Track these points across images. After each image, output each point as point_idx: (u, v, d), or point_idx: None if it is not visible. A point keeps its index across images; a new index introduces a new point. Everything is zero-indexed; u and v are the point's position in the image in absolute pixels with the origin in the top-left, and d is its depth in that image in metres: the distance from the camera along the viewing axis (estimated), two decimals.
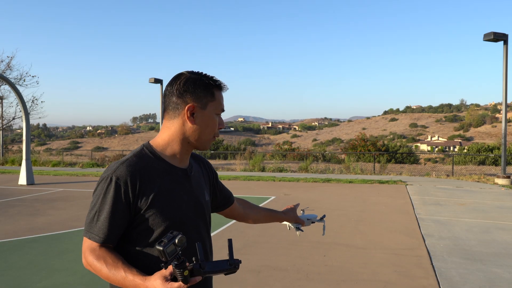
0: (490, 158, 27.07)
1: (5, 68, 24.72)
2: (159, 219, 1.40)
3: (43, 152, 34.78)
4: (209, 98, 1.46)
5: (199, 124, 1.46)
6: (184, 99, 1.44)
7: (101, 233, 1.35)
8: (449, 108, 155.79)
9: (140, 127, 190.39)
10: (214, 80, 1.48)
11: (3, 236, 6.60)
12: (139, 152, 1.46)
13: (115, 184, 1.35)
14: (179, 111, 1.45)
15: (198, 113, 1.45)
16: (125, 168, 1.38)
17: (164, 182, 1.43)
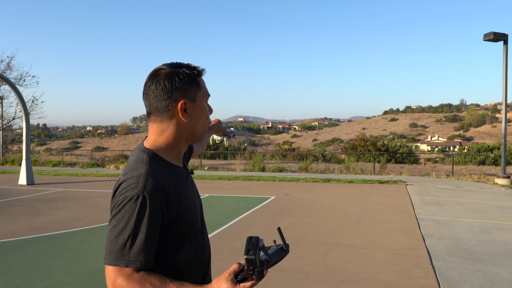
0: (490, 158, 27.07)
1: (5, 68, 24.74)
2: (189, 225, 1.34)
3: (43, 152, 34.78)
4: (196, 89, 1.38)
5: (193, 118, 1.38)
6: (173, 97, 1.34)
7: (141, 256, 1.20)
8: (449, 108, 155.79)
9: (140, 127, 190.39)
10: (195, 68, 1.40)
11: (3, 236, 6.60)
12: (151, 161, 1.33)
13: (150, 202, 1.22)
14: (171, 111, 1.35)
15: (190, 108, 1.37)
16: (152, 181, 1.25)
17: (182, 187, 1.36)
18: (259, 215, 8.36)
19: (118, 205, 1.24)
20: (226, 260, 5.30)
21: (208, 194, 11.54)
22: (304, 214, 8.49)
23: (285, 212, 8.72)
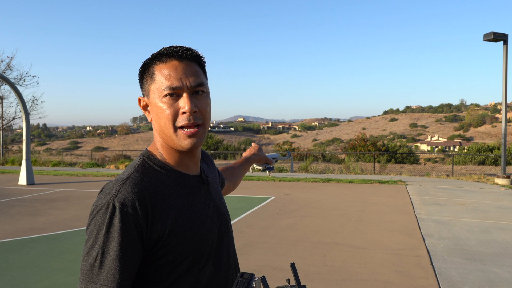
0: (490, 158, 27.08)
1: (5, 68, 24.73)
2: (184, 248, 1.06)
3: (43, 152, 34.78)
4: (149, 81, 1.09)
5: (154, 119, 1.11)
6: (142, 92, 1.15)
7: (111, 280, 0.97)
8: (449, 108, 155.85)
9: (140, 127, 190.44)
10: (157, 53, 1.10)
11: (3, 236, 6.60)
12: (141, 165, 1.10)
13: (120, 212, 0.98)
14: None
15: (150, 105, 1.11)
16: (128, 188, 1.02)
17: (181, 199, 1.09)
18: (259, 215, 8.36)
19: (90, 215, 1.03)
20: None
21: None
22: (304, 214, 8.49)
23: (285, 212, 8.72)
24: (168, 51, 1.08)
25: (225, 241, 1.18)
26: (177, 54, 1.08)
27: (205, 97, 1.10)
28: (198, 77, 1.08)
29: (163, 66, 1.07)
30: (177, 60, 1.08)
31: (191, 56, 1.10)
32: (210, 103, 1.14)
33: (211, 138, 37.42)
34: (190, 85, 1.06)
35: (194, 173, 1.18)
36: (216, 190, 1.25)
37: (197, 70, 1.10)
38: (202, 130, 1.09)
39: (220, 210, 1.20)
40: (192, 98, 1.07)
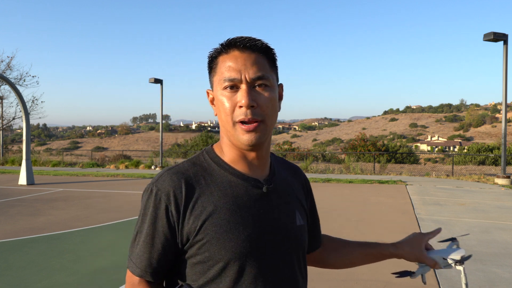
0: (490, 158, 27.10)
1: (5, 68, 24.74)
2: (215, 250, 0.98)
3: (43, 152, 34.81)
4: (213, 73, 1.06)
5: (217, 113, 1.06)
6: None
7: (139, 262, 1.02)
8: (449, 108, 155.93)
9: (140, 127, 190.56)
10: (221, 43, 1.05)
11: (3, 236, 6.60)
12: (196, 157, 1.09)
13: (155, 197, 1.00)
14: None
15: (214, 99, 1.07)
16: (169, 176, 1.02)
17: (223, 197, 1.01)
18: None
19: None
20: None
21: None
22: None
23: None
24: (231, 41, 1.03)
25: (278, 257, 1.03)
26: (240, 44, 1.02)
27: (269, 91, 1.01)
28: (260, 69, 1.00)
29: (225, 57, 1.02)
30: (238, 50, 1.02)
31: (254, 47, 1.02)
32: (276, 98, 1.04)
33: (211, 138, 37.41)
34: (249, 77, 0.99)
35: (255, 175, 1.07)
36: (285, 202, 1.09)
37: (261, 62, 1.01)
38: (262, 126, 1.00)
39: (279, 222, 1.05)
40: (251, 92, 0.99)
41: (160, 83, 21.06)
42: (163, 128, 22.74)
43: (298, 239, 1.08)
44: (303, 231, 1.11)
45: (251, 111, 0.98)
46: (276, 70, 1.08)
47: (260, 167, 1.08)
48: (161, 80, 20.96)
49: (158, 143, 32.19)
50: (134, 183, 14.34)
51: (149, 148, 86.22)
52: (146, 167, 21.28)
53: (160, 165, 21.06)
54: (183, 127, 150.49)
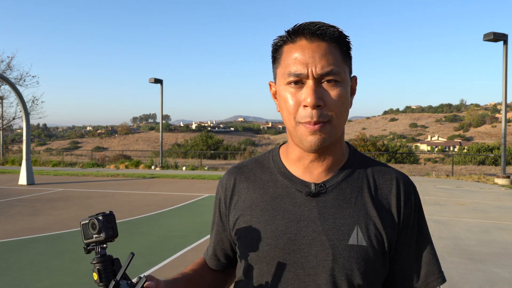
0: (490, 158, 27.11)
1: (5, 68, 24.72)
2: (244, 247, 0.95)
3: (43, 152, 34.80)
4: (277, 64, 0.93)
5: (280, 109, 0.95)
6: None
7: (208, 245, 1.13)
8: (449, 108, 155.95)
9: (140, 127, 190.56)
10: (288, 30, 0.91)
11: (3, 236, 6.60)
12: (261, 155, 1.06)
13: (216, 190, 1.08)
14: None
15: (277, 93, 0.95)
16: (228, 171, 1.06)
17: (263, 196, 0.96)
18: None
19: None
20: None
21: (208, 194, 11.54)
22: None
23: None
24: (298, 28, 0.89)
25: (306, 274, 0.89)
26: (308, 32, 0.87)
27: (339, 87, 0.87)
28: (329, 63, 0.86)
29: (291, 46, 0.89)
30: (306, 39, 0.88)
31: (325, 35, 0.87)
32: (347, 94, 0.90)
33: (211, 138, 37.42)
34: (317, 72, 0.85)
35: (311, 178, 0.95)
36: (339, 212, 0.91)
37: (332, 53, 0.87)
38: (329, 128, 0.88)
39: (316, 234, 0.90)
40: (318, 88, 0.86)
41: (160, 83, 21.06)
42: (163, 128, 22.74)
43: (344, 260, 0.88)
44: (360, 253, 0.88)
45: (317, 111, 0.86)
46: (350, 61, 0.93)
47: (322, 170, 0.94)
48: (161, 80, 20.97)
49: (158, 143, 32.18)
50: (134, 183, 14.34)
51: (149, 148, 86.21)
52: (146, 167, 21.28)
53: (160, 165, 21.06)
54: (183, 127, 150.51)
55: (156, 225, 7.43)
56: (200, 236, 6.58)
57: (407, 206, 0.94)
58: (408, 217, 0.94)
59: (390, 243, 0.92)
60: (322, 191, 0.92)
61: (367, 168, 0.98)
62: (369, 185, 0.95)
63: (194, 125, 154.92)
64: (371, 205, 0.92)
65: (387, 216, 0.92)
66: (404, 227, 0.94)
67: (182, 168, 20.63)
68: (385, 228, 0.91)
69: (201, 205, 9.83)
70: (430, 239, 0.99)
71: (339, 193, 0.93)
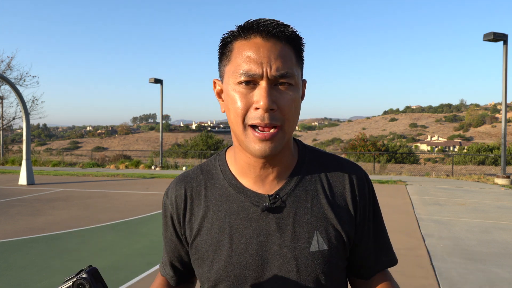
0: (490, 158, 27.12)
1: (5, 68, 24.72)
2: (203, 269, 0.92)
3: (43, 152, 34.81)
4: (225, 61, 0.87)
5: (225, 110, 0.89)
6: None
7: (161, 263, 1.09)
8: (449, 108, 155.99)
9: (140, 127, 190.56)
10: (241, 25, 0.85)
11: (3, 236, 6.60)
12: (208, 161, 1.01)
13: (164, 204, 1.00)
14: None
15: (223, 92, 0.90)
16: (174, 184, 0.98)
17: (217, 213, 0.92)
18: None
19: None
20: None
21: None
22: None
23: None
24: (253, 24, 0.83)
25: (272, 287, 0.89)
26: (264, 29, 0.82)
27: (292, 91, 0.84)
28: (285, 64, 0.82)
29: (244, 43, 0.83)
30: (261, 37, 0.83)
31: (282, 34, 0.83)
32: (299, 99, 0.87)
33: (211, 138, 37.42)
34: (271, 73, 0.81)
35: (263, 188, 0.91)
36: (297, 221, 0.89)
37: (287, 54, 0.83)
38: (281, 134, 0.84)
39: (277, 248, 0.88)
40: (272, 91, 0.82)
41: (160, 83, 21.07)
42: (163, 128, 22.75)
43: (308, 267, 0.87)
44: (323, 258, 0.88)
45: (269, 114, 0.81)
46: (302, 64, 0.89)
47: (273, 178, 0.91)
48: (161, 80, 20.98)
49: (158, 143, 32.14)
50: (134, 183, 14.35)
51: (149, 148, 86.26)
52: (146, 167, 21.28)
53: (160, 165, 21.06)
54: (183, 127, 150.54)
55: (156, 225, 7.43)
56: None
57: (362, 199, 0.94)
58: (363, 209, 0.95)
59: (349, 239, 0.92)
60: (273, 203, 0.89)
61: (319, 167, 0.95)
62: (323, 185, 0.93)
63: (194, 125, 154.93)
64: (327, 207, 0.91)
65: (344, 214, 0.92)
66: (361, 219, 0.94)
67: (182, 168, 20.63)
68: (344, 226, 0.91)
69: None
70: (383, 223, 1.00)
71: (294, 201, 0.90)
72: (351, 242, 0.93)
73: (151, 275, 4.69)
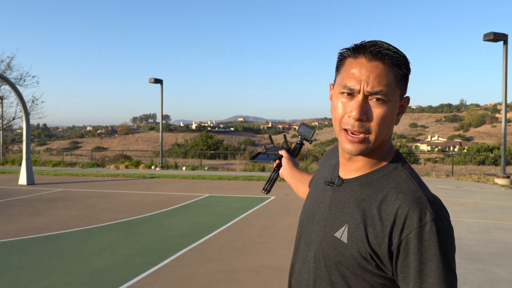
0: (490, 158, 27.11)
1: (5, 68, 24.70)
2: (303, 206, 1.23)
3: (43, 152, 34.79)
4: (338, 72, 1.04)
5: (331, 111, 1.07)
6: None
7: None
8: (449, 108, 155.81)
9: (140, 127, 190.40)
10: (354, 45, 1.01)
11: (3, 236, 6.60)
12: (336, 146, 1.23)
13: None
14: None
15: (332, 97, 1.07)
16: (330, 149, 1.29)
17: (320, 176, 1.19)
18: (259, 215, 8.35)
19: None
20: (226, 260, 5.30)
21: (208, 194, 11.54)
22: None
23: (285, 212, 8.71)
24: (362, 45, 0.98)
25: (304, 256, 1.09)
26: (369, 52, 0.96)
27: (384, 106, 0.96)
28: (381, 84, 0.95)
29: (352, 61, 0.99)
30: (366, 58, 0.96)
31: (384, 57, 0.96)
32: (393, 113, 0.98)
33: (211, 138, 37.39)
34: (367, 89, 0.95)
35: (342, 172, 1.09)
36: (339, 207, 1.02)
37: (386, 75, 0.95)
38: (367, 141, 0.97)
39: (318, 223, 1.06)
40: (365, 104, 0.96)
41: (160, 83, 21.06)
42: (163, 128, 22.74)
43: (326, 245, 1.01)
44: (339, 247, 0.98)
45: (359, 123, 0.96)
46: (405, 84, 1.00)
47: (352, 169, 1.05)
48: (161, 80, 20.97)
49: (158, 143, 32.13)
50: (134, 183, 14.34)
51: (149, 148, 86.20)
52: (146, 167, 21.27)
53: (160, 165, 21.05)
54: (183, 127, 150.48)
55: (156, 225, 7.43)
56: (200, 236, 6.58)
57: (399, 243, 0.91)
58: (397, 256, 0.92)
59: (362, 257, 0.95)
60: (338, 184, 1.07)
61: (390, 184, 0.98)
62: (378, 199, 0.97)
63: (194, 125, 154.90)
64: (367, 217, 0.96)
65: (372, 238, 0.94)
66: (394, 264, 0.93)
67: (182, 168, 20.63)
68: (358, 243, 0.96)
69: (201, 205, 9.83)
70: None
71: (350, 192, 1.03)
72: (381, 262, 0.94)
73: (151, 275, 4.69)
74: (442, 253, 0.89)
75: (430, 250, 0.89)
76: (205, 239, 6.37)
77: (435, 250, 0.89)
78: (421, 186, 0.97)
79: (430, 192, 0.97)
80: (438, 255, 0.89)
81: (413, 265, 0.90)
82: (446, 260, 0.90)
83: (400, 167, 1.02)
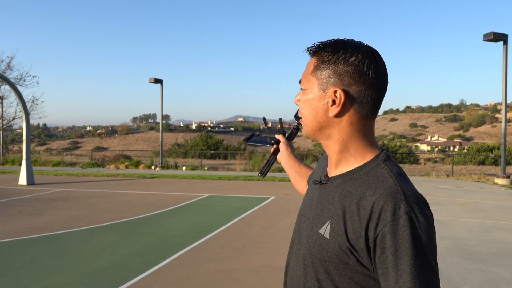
0: (490, 158, 27.12)
1: (5, 68, 24.71)
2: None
3: (43, 152, 34.80)
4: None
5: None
6: None
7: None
8: (449, 108, 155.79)
9: (140, 127, 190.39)
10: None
11: (3, 236, 6.60)
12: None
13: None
14: None
15: None
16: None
17: (314, 176, 1.23)
18: (259, 215, 8.36)
19: None
20: (226, 260, 5.30)
21: (208, 194, 11.54)
22: None
23: (285, 212, 8.72)
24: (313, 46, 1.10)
25: (294, 255, 1.12)
26: (310, 49, 1.08)
27: (304, 94, 1.07)
28: (304, 73, 1.08)
29: (311, 58, 1.10)
30: (310, 56, 1.09)
31: (310, 51, 1.08)
32: (310, 99, 1.05)
33: (211, 138, 37.40)
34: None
35: (329, 171, 1.11)
36: (322, 204, 1.05)
37: (309, 65, 1.07)
38: (304, 125, 1.10)
39: (306, 220, 1.09)
40: (300, 93, 1.10)
41: (160, 83, 21.06)
42: (163, 128, 22.75)
43: (311, 241, 1.03)
44: (323, 242, 0.99)
45: (298, 110, 1.14)
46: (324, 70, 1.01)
47: (335, 168, 1.08)
48: (161, 80, 20.97)
49: (158, 143, 32.15)
50: (134, 183, 14.35)
51: (149, 148, 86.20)
52: (146, 167, 21.28)
53: (160, 165, 21.05)
54: (183, 127, 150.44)
55: (156, 225, 7.44)
56: (200, 236, 6.58)
57: (374, 237, 0.90)
58: (374, 248, 0.91)
59: (342, 250, 0.95)
60: (324, 183, 1.08)
61: (369, 180, 0.98)
62: (358, 195, 0.96)
63: (194, 125, 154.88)
64: (347, 213, 0.96)
65: (343, 230, 0.95)
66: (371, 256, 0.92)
67: (182, 168, 20.63)
68: (339, 238, 0.96)
69: (201, 205, 9.83)
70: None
71: (334, 189, 1.04)
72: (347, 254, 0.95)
73: (151, 275, 4.69)
74: (417, 248, 0.86)
75: (404, 244, 0.87)
76: (205, 239, 6.37)
77: (409, 244, 0.86)
78: (400, 182, 0.95)
79: (411, 187, 0.95)
80: (412, 249, 0.86)
81: (389, 260, 0.88)
82: (423, 256, 0.87)
83: (382, 163, 1.01)
